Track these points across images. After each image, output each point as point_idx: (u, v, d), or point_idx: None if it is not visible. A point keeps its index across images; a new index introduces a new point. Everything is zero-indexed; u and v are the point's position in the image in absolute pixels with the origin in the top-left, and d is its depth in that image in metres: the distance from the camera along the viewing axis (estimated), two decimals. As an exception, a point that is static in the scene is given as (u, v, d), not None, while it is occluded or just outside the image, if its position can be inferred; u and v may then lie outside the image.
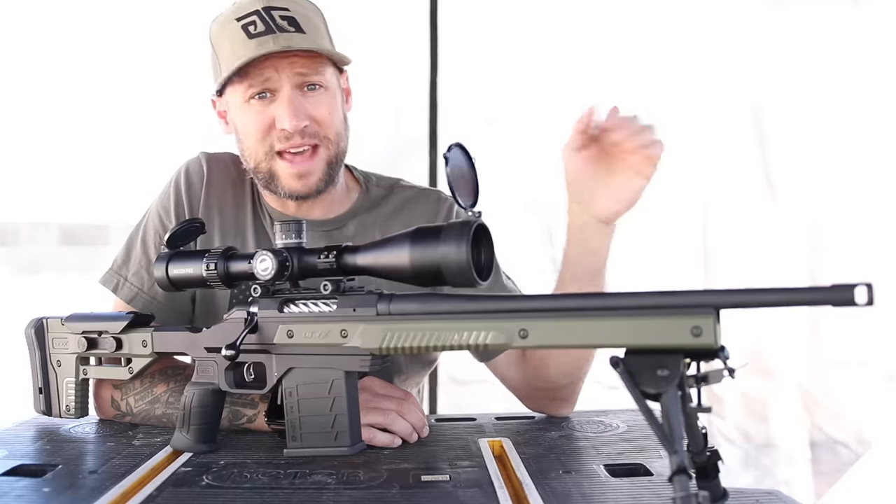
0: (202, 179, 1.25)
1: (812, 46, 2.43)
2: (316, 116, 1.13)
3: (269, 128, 1.13)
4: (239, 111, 1.15)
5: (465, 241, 0.79)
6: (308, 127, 1.13)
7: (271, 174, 1.16)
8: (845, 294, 0.61)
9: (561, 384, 1.15)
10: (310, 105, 1.13)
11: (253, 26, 1.10)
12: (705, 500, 0.58)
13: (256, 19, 1.10)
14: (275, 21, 1.10)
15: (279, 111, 1.11)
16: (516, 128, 2.41)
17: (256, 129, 1.13)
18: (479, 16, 2.41)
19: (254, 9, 1.12)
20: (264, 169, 1.16)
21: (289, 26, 1.10)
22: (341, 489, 0.80)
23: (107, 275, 1.24)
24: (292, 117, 1.10)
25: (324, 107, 1.14)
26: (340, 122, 1.18)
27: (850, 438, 2.52)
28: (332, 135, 1.16)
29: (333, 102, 1.16)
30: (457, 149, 0.82)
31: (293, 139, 1.12)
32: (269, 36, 1.09)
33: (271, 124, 1.13)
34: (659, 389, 0.65)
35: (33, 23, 2.21)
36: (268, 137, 1.13)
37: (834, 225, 2.47)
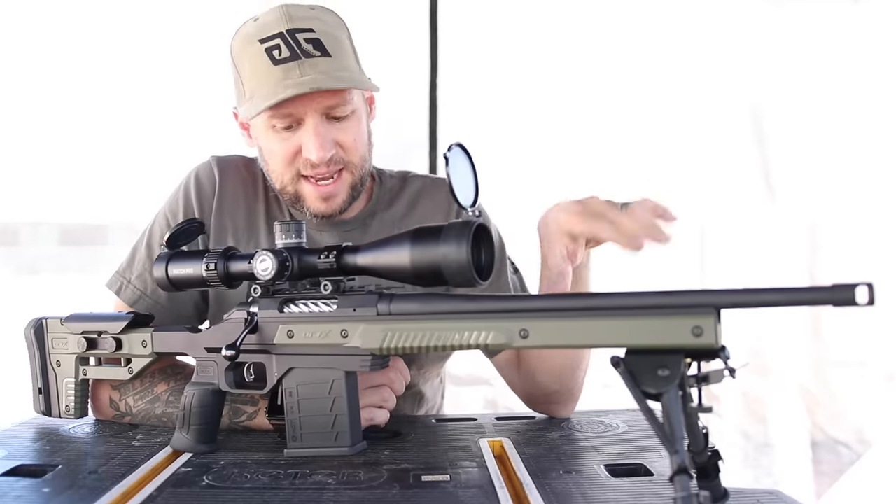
0: (214, 185, 1.24)
1: (812, 45, 2.43)
2: (342, 143, 1.12)
3: (295, 155, 1.12)
4: (263, 136, 1.14)
5: (466, 241, 0.79)
6: (334, 155, 1.12)
7: (297, 196, 1.15)
8: (846, 294, 0.61)
9: (553, 389, 1.15)
10: (336, 132, 1.11)
11: (277, 51, 1.07)
12: (706, 500, 0.58)
13: (281, 43, 1.07)
14: (300, 45, 1.07)
15: (306, 141, 1.09)
16: (516, 128, 2.41)
17: (282, 157, 1.12)
18: (479, 16, 2.41)
19: (277, 31, 1.08)
20: (290, 191, 1.15)
21: (314, 50, 1.07)
22: (341, 489, 0.80)
23: (112, 278, 1.24)
24: (319, 149, 1.09)
25: (350, 133, 1.13)
26: (365, 144, 1.17)
27: (850, 438, 2.52)
28: (356, 159, 1.15)
29: (359, 127, 1.15)
30: (457, 148, 0.82)
31: (319, 168, 1.11)
32: (295, 63, 1.06)
33: (297, 151, 1.11)
34: (660, 389, 0.65)
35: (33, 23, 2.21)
36: (294, 164, 1.12)
37: (833, 225, 2.47)
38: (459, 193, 0.80)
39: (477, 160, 0.84)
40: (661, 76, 2.40)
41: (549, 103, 2.40)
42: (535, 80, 2.39)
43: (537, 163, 2.38)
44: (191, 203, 1.23)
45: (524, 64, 2.41)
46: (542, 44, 2.39)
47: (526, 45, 2.40)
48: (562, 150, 2.41)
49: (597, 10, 2.41)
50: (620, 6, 2.42)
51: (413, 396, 1.32)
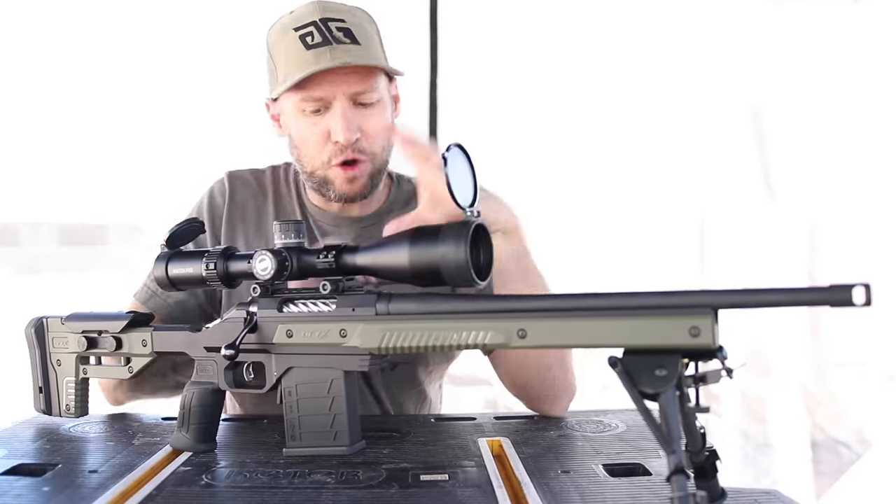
0: (224, 196, 1.31)
1: (811, 45, 2.43)
2: (366, 130, 1.17)
3: (325, 139, 1.17)
4: (294, 120, 1.19)
5: (464, 241, 0.79)
6: (358, 141, 1.16)
7: (325, 179, 1.21)
8: (843, 294, 0.61)
9: (520, 384, 1.16)
10: (362, 119, 1.17)
11: (310, 37, 1.13)
12: (703, 500, 0.59)
13: (314, 30, 1.13)
14: (332, 32, 1.13)
15: (333, 124, 1.15)
16: (516, 128, 2.41)
17: (314, 141, 1.18)
18: (479, 16, 2.41)
19: (311, 20, 1.15)
20: (320, 175, 1.21)
21: (345, 38, 1.14)
22: (340, 488, 0.81)
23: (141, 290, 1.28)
24: (346, 130, 1.14)
25: (374, 121, 1.18)
26: (388, 135, 1.22)
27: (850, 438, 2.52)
28: (377, 149, 1.20)
29: (383, 116, 1.20)
30: (456, 149, 0.82)
31: (346, 152, 1.17)
32: (326, 48, 1.12)
33: (327, 136, 1.16)
34: (657, 389, 0.66)
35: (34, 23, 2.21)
36: (324, 148, 1.18)
37: (833, 225, 2.48)
38: (458, 194, 0.80)
39: (476, 160, 0.84)
40: (661, 76, 2.40)
41: (549, 103, 2.40)
42: (535, 79, 2.39)
43: (537, 163, 2.38)
44: (202, 213, 1.30)
45: (524, 63, 2.41)
46: (542, 44, 2.40)
47: (526, 45, 2.40)
48: (562, 150, 2.41)
49: (597, 10, 2.41)
50: (620, 6, 2.42)
51: (417, 395, 1.32)
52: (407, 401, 1.31)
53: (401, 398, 1.30)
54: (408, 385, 1.30)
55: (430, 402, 1.35)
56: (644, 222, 2.44)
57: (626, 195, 2.43)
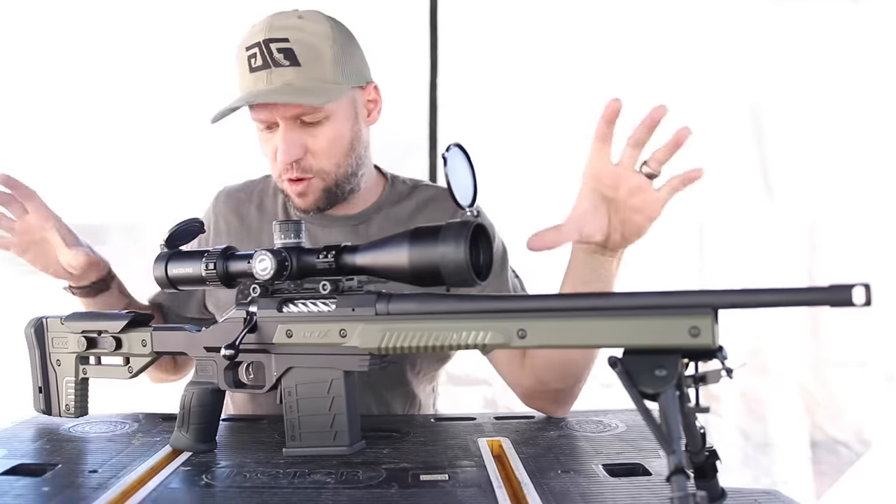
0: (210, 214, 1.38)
1: (811, 45, 2.43)
2: (312, 148, 1.17)
3: (275, 155, 1.19)
4: (258, 135, 1.23)
5: (464, 241, 0.79)
6: (302, 160, 1.17)
7: (284, 192, 1.24)
8: (843, 294, 0.61)
9: (556, 387, 1.15)
10: (307, 137, 1.17)
11: (254, 59, 1.14)
12: (703, 500, 0.59)
13: (257, 52, 1.14)
14: (272, 55, 1.13)
15: (278, 144, 1.17)
16: (516, 128, 2.41)
17: (269, 156, 1.21)
18: (479, 16, 2.41)
19: (256, 40, 1.14)
20: (281, 188, 1.24)
21: (284, 60, 1.13)
22: (340, 488, 0.81)
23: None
24: (283, 153, 1.16)
25: (321, 139, 1.18)
26: (342, 149, 1.20)
27: (850, 438, 2.52)
28: (327, 165, 1.19)
29: (335, 132, 1.18)
30: (455, 149, 0.82)
31: (291, 171, 1.18)
32: (265, 71, 1.13)
33: (276, 152, 1.18)
34: (657, 389, 0.65)
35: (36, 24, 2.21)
36: (276, 164, 1.20)
37: (832, 225, 2.47)
38: (458, 194, 0.80)
39: (476, 161, 0.84)
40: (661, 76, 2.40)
41: (548, 103, 2.40)
42: (535, 80, 2.39)
43: (537, 163, 2.38)
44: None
45: (524, 64, 2.41)
46: (542, 44, 2.40)
47: (526, 46, 2.40)
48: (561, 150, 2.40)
49: (597, 10, 2.41)
50: (620, 6, 2.42)
51: (405, 395, 1.32)
52: (393, 400, 1.31)
53: (387, 397, 1.30)
54: (395, 385, 1.30)
55: (419, 403, 1.34)
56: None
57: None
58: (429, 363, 1.32)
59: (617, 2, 2.42)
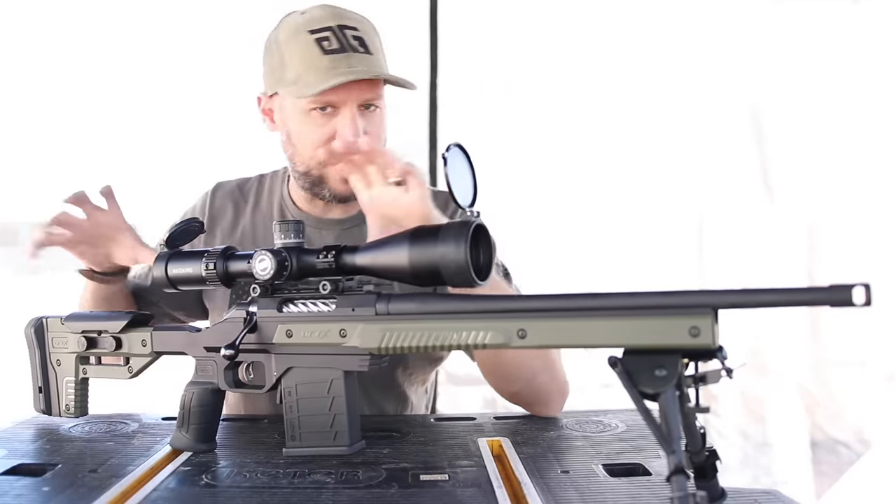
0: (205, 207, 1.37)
1: (811, 45, 2.43)
2: (370, 133, 1.20)
3: (328, 139, 1.18)
4: (297, 119, 1.21)
5: (464, 241, 0.79)
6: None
7: (321, 178, 1.23)
8: (843, 294, 0.61)
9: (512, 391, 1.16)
10: (367, 123, 1.20)
11: (327, 42, 1.16)
12: (703, 500, 0.59)
13: (331, 36, 1.16)
14: (348, 40, 1.16)
15: (342, 126, 1.17)
16: (516, 128, 2.41)
17: (316, 140, 1.20)
18: (479, 16, 2.41)
19: (328, 25, 1.17)
20: (315, 174, 1.23)
21: (359, 46, 1.17)
22: (340, 488, 0.81)
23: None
24: (354, 134, 1.16)
25: (376, 125, 1.22)
26: (384, 139, 1.25)
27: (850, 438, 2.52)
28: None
29: (383, 121, 1.24)
30: (455, 149, 0.82)
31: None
32: (343, 55, 1.15)
33: (331, 136, 1.18)
34: (657, 389, 0.65)
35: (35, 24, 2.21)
36: (325, 148, 1.19)
37: (832, 225, 2.48)
38: (458, 193, 0.80)
39: (476, 161, 0.84)
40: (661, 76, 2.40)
41: (548, 103, 2.40)
42: (534, 80, 2.39)
43: (537, 163, 2.38)
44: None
45: (524, 64, 2.41)
46: (542, 44, 2.40)
47: (526, 46, 2.41)
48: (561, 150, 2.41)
49: (597, 11, 2.41)
50: (620, 6, 2.42)
51: (397, 397, 1.31)
52: (384, 402, 1.30)
53: (378, 399, 1.29)
54: (386, 387, 1.29)
55: (411, 405, 1.34)
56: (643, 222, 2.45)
57: (625, 195, 2.43)
58: (420, 365, 1.31)
59: (617, 2, 2.42)
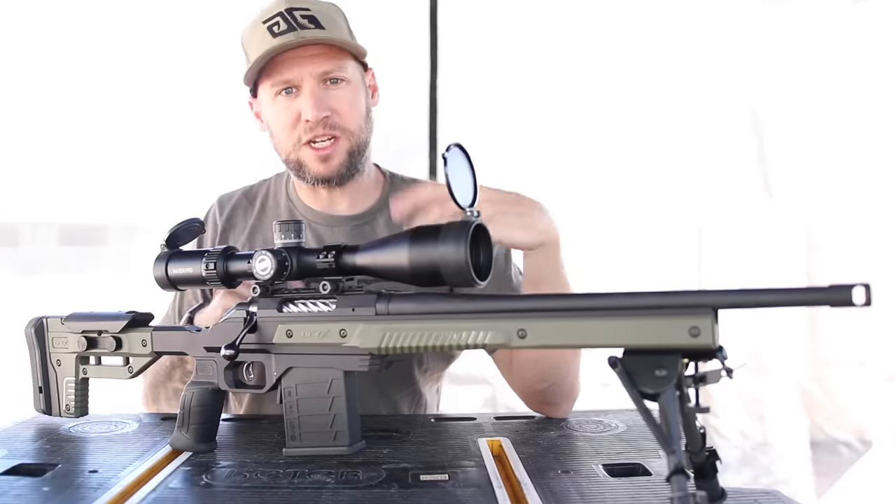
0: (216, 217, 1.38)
1: (810, 45, 2.44)
2: (337, 108, 1.21)
3: (295, 121, 1.21)
4: (269, 107, 1.25)
5: (464, 241, 0.79)
6: (329, 118, 1.21)
7: (299, 163, 1.25)
8: (843, 294, 0.61)
9: (541, 388, 1.15)
10: (331, 98, 1.21)
11: (276, 26, 1.19)
12: (703, 500, 0.59)
13: (279, 19, 1.19)
14: (296, 20, 1.19)
15: (303, 104, 1.20)
16: (516, 128, 2.41)
17: (285, 123, 1.23)
18: (479, 16, 2.42)
19: (277, 11, 1.19)
20: (293, 159, 1.25)
21: (309, 24, 1.18)
22: (340, 489, 0.81)
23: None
24: (314, 108, 1.19)
25: (344, 100, 1.22)
26: (361, 115, 1.25)
27: (850, 438, 2.52)
28: (352, 126, 1.24)
29: (355, 96, 1.24)
30: (455, 149, 0.82)
31: (316, 129, 1.21)
32: (291, 33, 1.17)
33: (297, 117, 1.21)
34: (657, 389, 0.66)
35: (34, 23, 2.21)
36: (295, 130, 1.22)
37: (831, 224, 2.48)
38: (458, 194, 0.80)
39: (476, 161, 0.84)
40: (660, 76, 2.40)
41: (548, 104, 2.40)
42: (534, 80, 2.40)
43: (537, 163, 2.38)
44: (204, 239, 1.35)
45: (524, 64, 2.41)
46: (542, 44, 2.40)
47: (526, 46, 2.41)
48: (561, 151, 2.41)
49: (597, 11, 2.41)
50: (620, 7, 2.42)
51: (412, 395, 1.32)
52: (401, 400, 1.31)
53: (395, 397, 1.30)
54: (402, 384, 1.31)
55: (425, 403, 1.35)
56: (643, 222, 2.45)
57: (624, 195, 2.43)
58: (435, 362, 1.33)
59: (617, 3, 2.42)
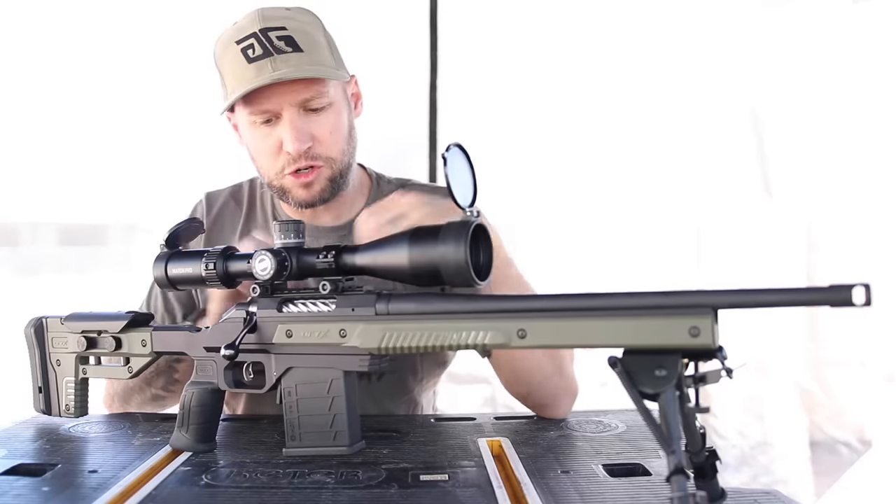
0: (203, 215, 1.33)
1: (810, 45, 2.44)
2: (318, 136, 1.16)
3: (277, 150, 1.16)
4: (248, 132, 1.19)
5: (464, 241, 0.79)
6: (311, 148, 1.16)
7: (282, 188, 1.21)
8: (843, 294, 0.61)
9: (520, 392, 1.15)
10: (312, 125, 1.15)
11: (251, 50, 1.11)
12: (703, 500, 0.59)
13: (254, 42, 1.11)
14: (272, 43, 1.11)
15: (284, 135, 1.14)
16: (516, 129, 2.41)
17: (266, 151, 1.17)
18: (479, 17, 2.42)
19: (251, 31, 1.12)
20: (276, 185, 1.21)
21: (286, 46, 1.11)
22: (340, 489, 0.81)
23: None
24: (295, 141, 1.13)
25: (326, 126, 1.16)
26: (344, 138, 1.20)
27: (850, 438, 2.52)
28: (334, 153, 1.19)
29: (338, 120, 1.19)
30: (455, 149, 0.82)
31: (299, 161, 1.16)
32: (267, 59, 1.11)
33: (279, 146, 1.16)
34: (657, 389, 0.66)
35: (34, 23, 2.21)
36: (278, 159, 1.17)
37: (830, 224, 2.48)
38: (458, 194, 0.80)
39: (476, 161, 0.84)
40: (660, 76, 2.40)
41: (548, 104, 2.40)
42: (535, 81, 2.40)
43: (537, 163, 2.38)
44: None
45: (524, 65, 2.41)
46: (542, 45, 2.40)
47: (526, 47, 2.41)
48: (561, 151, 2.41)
49: (597, 12, 2.42)
50: (620, 8, 2.42)
51: (408, 403, 1.31)
52: (396, 410, 1.30)
53: (390, 407, 1.29)
54: (397, 394, 1.29)
55: (421, 408, 1.35)
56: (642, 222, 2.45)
57: (624, 195, 2.43)
58: (430, 369, 1.31)
59: (617, 3, 2.42)
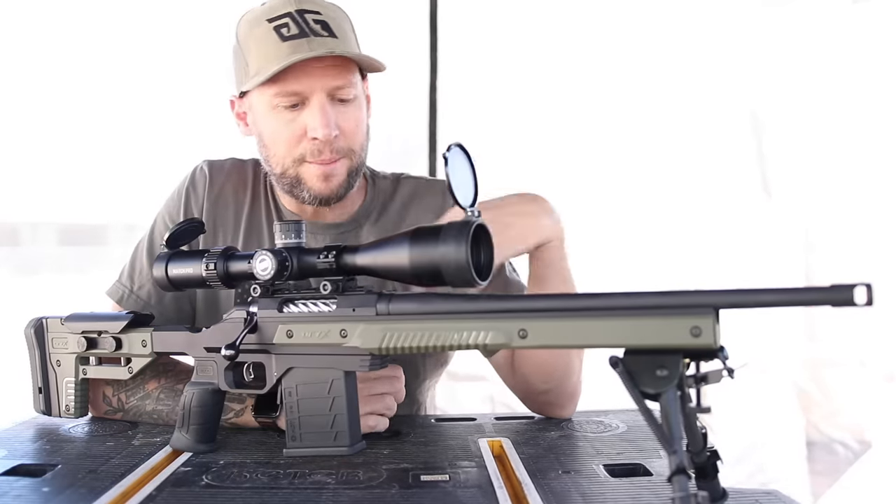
0: (205, 186, 1.26)
1: (810, 45, 2.44)
2: (344, 128, 1.12)
3: (300, 137, 1.11)
4: (266, 117, 1.13)
5: (465, 241, 0.79)
6: (337, 138, 1.12)
7: (297, 179, 1.15)
8: (844, 294, 0.61)
9: (544, 388, 1.14)
10: (340, 115, 1.12)
11: (286, 28, 1.08)
12: (704, 500, 0.59)
13: (290, 21, 1.08)
14: (308, 24, 1.08)
15: (311, 120, 1.10)
16: (516, 128, 2.41)
17: (286, 138, 1.12)
18: (479, 17, 2.42)
19: (286, 11, 1.10)
20: (291, 174, 1.15)
21: (322, 30, 1.09)
22: (340, 489, 0.81)
23: (113, 286, 1.25)
24: (325, 126, 1.09)
25: (352, 119, 1.13)
26: (364, 133, 1.17)
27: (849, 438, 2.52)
28: (356, 146, 1.15)
29: (361, 115, 1.16)
30: (456, 149, 0.82)
31: (324, 150, 1.11)
32: (304, 39, 1.07)
33: (302, 133, 1.11)
34: (658, 389, 0.66)
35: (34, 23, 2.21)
36: (298, 147, 1.12)
37: (829, 225, 2.48)
38: (459, 194, 0.80)
39: (476, 161, 0.84)
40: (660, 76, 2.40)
41: (548, 104, 2.40)
42: (534, 80, 2.40)
43: (537, 163, 2.38)
44: (189, 205, 1.25)
45: (524, 65, 2.41)
46: (541, 45, 2.40)
47: (525, 47, 2.41)
48: (561, 151, 2.41)
49: (597, 12, 2.42)
50: (620, 8, 2.42)
51: (410, 404, 1.31)
52: (398, 410, 1.30)
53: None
54: None
55: (424, 408, 1.35)
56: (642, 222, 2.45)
57: (624, 195, 2.43)
58: (432, 370, 1.31)
59: (617, 4, 2.42)
